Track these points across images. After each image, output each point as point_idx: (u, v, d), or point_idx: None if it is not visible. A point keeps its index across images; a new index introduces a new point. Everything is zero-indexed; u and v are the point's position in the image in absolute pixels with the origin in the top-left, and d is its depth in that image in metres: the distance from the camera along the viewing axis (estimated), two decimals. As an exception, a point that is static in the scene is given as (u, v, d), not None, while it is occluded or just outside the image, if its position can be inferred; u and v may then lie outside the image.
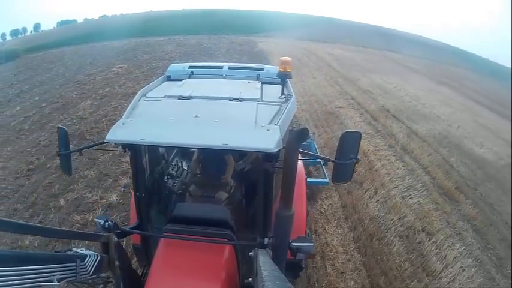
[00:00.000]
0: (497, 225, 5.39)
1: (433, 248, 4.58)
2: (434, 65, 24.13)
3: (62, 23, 67.30)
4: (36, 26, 69.11)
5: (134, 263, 3.15)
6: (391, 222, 4.99)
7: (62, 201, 5.25)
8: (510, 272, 4.39)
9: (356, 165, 1.99)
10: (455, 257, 4.47)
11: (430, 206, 5.49)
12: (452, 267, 4.27)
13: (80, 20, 71.13)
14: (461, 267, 4.30)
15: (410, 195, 5.71)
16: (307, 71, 14.54)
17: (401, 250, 4.49)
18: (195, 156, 3.10)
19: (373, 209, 5.27)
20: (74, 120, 8.98)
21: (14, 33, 61.51)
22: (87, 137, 7.71)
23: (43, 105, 10.71)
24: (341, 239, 4.62)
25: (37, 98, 11.61)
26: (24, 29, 66.70)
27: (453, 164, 7.25)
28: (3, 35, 57.07)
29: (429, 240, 4.70)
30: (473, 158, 7.89)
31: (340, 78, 14.35)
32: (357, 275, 4.06)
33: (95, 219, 2.14)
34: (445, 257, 4.44)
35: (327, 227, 4.84)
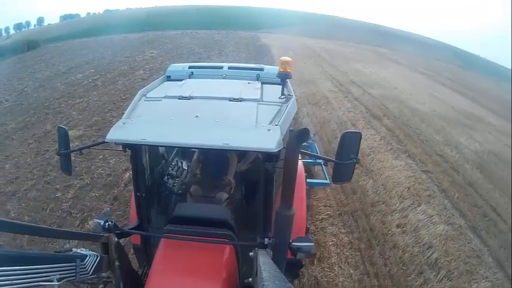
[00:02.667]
0: (412, 130, 8.94)
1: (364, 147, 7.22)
2: (419, 59, 25.15)
3: (65, 17, 67.32)
4: (40, 20, 69.10)
5: (134, 263, 3.15)
6: (331, 123, 8.72)
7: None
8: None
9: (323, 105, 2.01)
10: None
11: (359, 115, 9.59)
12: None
13: (83, 14, 71.50)
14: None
15: (350, 113, 9.74)
16: (299, 59, 16.89)
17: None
18: (195, 156, 3.10)
19: (327, 116, 9.24)
20: (138, 81, 12.25)
21: (18, 27, 61.29)
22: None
23: (102, 73, 13.64)
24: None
25: (92, 70, 14.17)
26: (28, 23, 66.65)
27: (388, 107, 10.67)
28: (7, 28, 57.01)
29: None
30: (409, 108, 11.04)
31: (325, 64, 17.49)
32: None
33: (95, 220, 2.14)
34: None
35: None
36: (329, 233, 4.55)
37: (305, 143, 5.57)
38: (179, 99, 2.47)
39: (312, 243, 2.08)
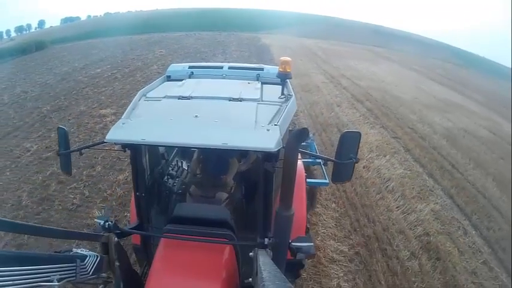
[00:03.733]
0: (390, 111, 10.19)
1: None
2: (415, 58, 25.70)
3: (65, 20, 67.39)
4: (41, 23, 69.32)
5: (134, 263, 3.15)
6: (319, 104, 10.25)
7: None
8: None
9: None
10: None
11: (344, 100, 11.05)
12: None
13: (83, 17, 71.81)
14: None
15: (337, 98, 11.22)
16: (296, 56, 17.74)
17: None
18: (195, 156, 3.10)
19: (316, 100, 10.70)
20: (154, 74, 13.04)
21: (19, 29, 61.39)
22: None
23: (119, 68, 14.74)
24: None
25: (109, 66, 15.18)
26: (29, 26, 66.78)
27: (372, 94, 11.81)
28: (8, 31, 57.07)
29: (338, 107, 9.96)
30: (391, 95, 12.20)
31: (320, 61, 18.55)
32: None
33: (95, 220, 2.14)
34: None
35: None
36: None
37: (304, 143, 5.57)
38: (179, 99, 2.47)
39: (312, 243, 2.08)
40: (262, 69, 3.27)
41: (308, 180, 4.34)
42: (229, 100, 2.43)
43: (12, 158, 6.72)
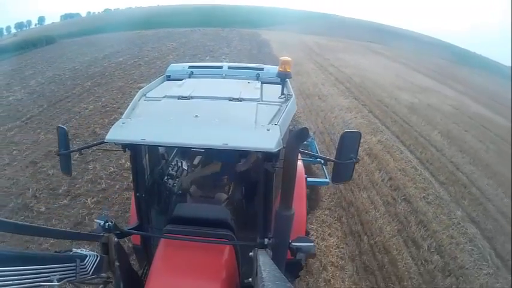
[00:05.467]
0: (364, 89, 12.29)
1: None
2: (408, 54, 26.47)
3: (65, 17, 67.54)
4: (41, 19, 69.48)
5: (134, 263, 3.15)
6: (306, 84, 12.40)
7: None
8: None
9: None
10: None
11: (328, 81, 13.19)
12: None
13: (83, 13, 72.03)
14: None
15: (323, 80, 13.41)
16: (292, 50, 19.44)
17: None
18: (196, 160, 3.10)
19: (305, 81, 12.69)
20: (173, 62, 13.43)
21: (19, 26, 61.48)
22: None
23: (139, 57, 16.71)
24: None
25: (129, 56, 17.14)
26: (29, 22, 66.91)
27: (353, 78, 13.75)
28: (8, 28, 57.12)
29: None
30: (370, 80, 13.80)
31: (314, 54, 20.31)
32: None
33: (95, 220, 2.14)
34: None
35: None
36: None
37: (305, 142, 5.57)
38: (179, 99, 2.46)
39: (312, 243, 2.08)
40: (262, 69, 3.27)
41: (308, 179, 4.34)
42: (229, 100, 2.42)
43: (73, 113, 9.21)
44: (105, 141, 1.99)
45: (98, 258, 1.83)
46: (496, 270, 4.29)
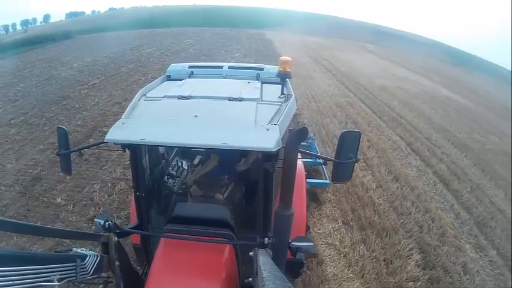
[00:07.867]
0: (348, 77, 14.85)
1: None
2: (401, 54, 27.62)
3: (70, 15, 67.83)
4: (46, 17, 69.75)
5: (134, 263, 3.15)
6: (300, 72, 13.91)
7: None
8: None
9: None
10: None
11: (319, 70, 16.01)
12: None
13: (88, 12, 72.39)
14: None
15: (314, 69, 16.04)
16: (291, 48, 21.46)
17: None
18: (196, 160, 3.10)
19: (299, 71, 13.71)
20: (193, 55, 17.19)
21: (24, 23, 61.67)
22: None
23: (163, 50, 19.01)
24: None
25: (154, 49, 19.37)
26: (34, 20, 67.13)
27: (340, 69, 16.39)
28: (14, 25, 57.35)
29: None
30: (355, 71, 16.15)
31: (310, 50, 22.48)
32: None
33: (95, 220, 2.14)
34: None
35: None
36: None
37: (305, 143, 5.57)
38: (179, 99, 2.46)
39: (312, 243, 2.08)
40: (262, 68, 3.27)
41: (308, 180, 4.33)
42: (229, 100, 2.42)
43: (130, 82, 11.96)
44: (105, 141, 1.98)
45: (98, 257, 1.83)
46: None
